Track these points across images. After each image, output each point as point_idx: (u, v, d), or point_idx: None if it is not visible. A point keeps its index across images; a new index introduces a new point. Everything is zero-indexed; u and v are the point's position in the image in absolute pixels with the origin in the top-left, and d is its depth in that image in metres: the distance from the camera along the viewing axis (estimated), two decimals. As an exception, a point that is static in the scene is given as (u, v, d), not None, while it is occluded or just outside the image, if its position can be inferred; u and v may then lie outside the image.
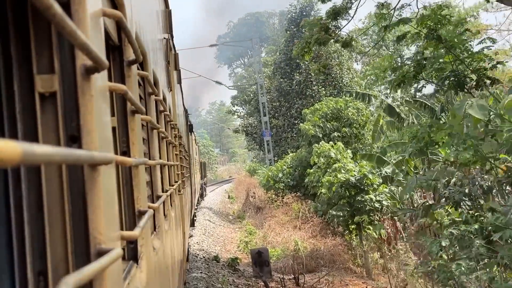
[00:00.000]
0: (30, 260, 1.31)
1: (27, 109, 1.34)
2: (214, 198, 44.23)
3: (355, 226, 20.18)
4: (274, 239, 23.12)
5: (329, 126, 28.23)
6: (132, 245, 2.40)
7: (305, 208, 26.29)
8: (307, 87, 40.62)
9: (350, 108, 28.81)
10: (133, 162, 2.32)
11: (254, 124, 45.75)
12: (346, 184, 19.64)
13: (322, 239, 22.34)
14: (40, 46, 1.34)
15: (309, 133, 27.71)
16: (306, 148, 28.97)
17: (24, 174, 1.32)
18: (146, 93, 3.59)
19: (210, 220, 29.08)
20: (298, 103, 40.98)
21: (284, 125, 42.36)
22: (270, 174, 30.75)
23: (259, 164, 56.38)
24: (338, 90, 38.92)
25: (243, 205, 36.43)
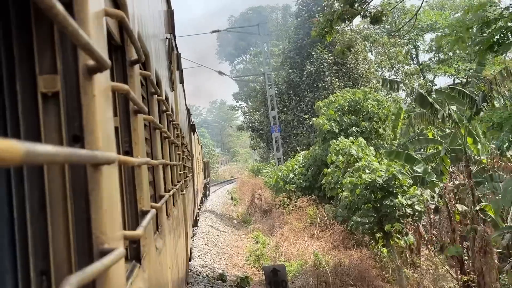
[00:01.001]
0: (32, 260, 1.31)
1: (30, 109, 1.34)
2: (217, 200, 41.31)
3: (382, 234, 17.23)
4: (288, 250, 19.49)
5: (346, 120, 24.93)
6: (134, 245, 2.40)
7: (322, 213, 22.75)
8: (319, 78, 37.11)
9: (369, 100, 25.56)
10: (135, 162, 2.32)
11: (261, 120, 41.98)
12: (372, 186, 16.78)
13: (346, 250, 18.86)
14: (43, 46, 1.34)
15: (323, 128, 24.64)
16: (320, 145, 25.70)
17: (27, 174, 1.32)
18: (149, 93, 3.60)
19: (212, 226, 26.24)
20: (309, 96, 37.49)
21: (294, 120, 38.74)
22: (279, 175, 27.46)
23: (263, 163, 53.61)
24: (353, 81, 35.91)
25: (248, 208, 33.56)
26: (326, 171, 21.17)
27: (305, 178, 26.25)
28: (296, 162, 27.69)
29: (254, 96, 46.24)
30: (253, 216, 30.05)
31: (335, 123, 24.86)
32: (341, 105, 25.44)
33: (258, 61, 56.53)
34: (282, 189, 26.45)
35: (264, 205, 31.99)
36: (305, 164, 26.94)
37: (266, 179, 36.38)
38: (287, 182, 26.44)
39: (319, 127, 25.18)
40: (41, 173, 1.31)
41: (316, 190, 25.28)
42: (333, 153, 21.21)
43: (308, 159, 26.76)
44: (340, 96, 26.08)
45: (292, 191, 25.89)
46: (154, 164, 3.45)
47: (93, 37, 1.40)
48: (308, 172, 26.31)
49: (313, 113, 33.27)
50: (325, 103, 26.33)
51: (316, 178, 25.29)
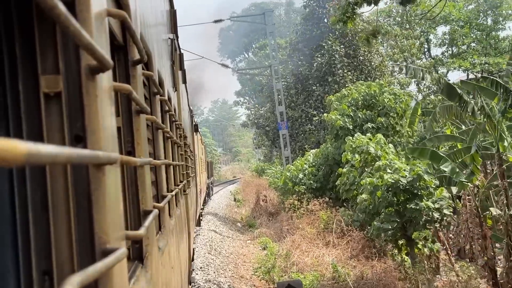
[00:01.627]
0: (35, 260, 1.31)
1: (32, 109, 1.34)
2: (219, 201, 39.75)
3: (405, 242, 15.33)
4: (300, 259, 16.90)
5: (361, 115, 22.71)
6: (137, 245, 2.40)
7: (337, 217, 20.37)
8: (330, 71, 34.29)
9: (385, 94, 23.37)
10: (138, 162, 2.32)
11: (267, 116, 39.39)
12: (395, 187, 14.81)
13: (367, 261, 16.41)
14: (45, 46, 1.35)
15: (336, 124, 22.39)
16: (332, 143, 23.52)
17: (29, 174, 1.32)
18: (151, 93, 3.60)
19: (215, 231, 24.36)
20: (318, 90, 34.79)
21: (301, 117, 36.03)
22: (288, 175, 24.70)
23: (267, 163, 51.70)
24: (365, 75, 33.38)
25: (252, 210, 31.59)
26: (341, 171, 19.00)
27: (316, 178, 23.98)
28: (306, 161, 25.22)
29: (259, 91, 43.49)
30: (259, 219, 28.17)
31: (349, 118, 22.70)
32: (355, 99, 23.36)
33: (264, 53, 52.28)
34: (291, 190, 24.13)
35: (270, 207, 30.31)
36: (315, 164, 24.58)
37: (271, 179, 35.02)
38: (296, 183, 24.06)
39: (331, 123, 23.00)
40: (44, 173, 1.32)
41: (328, 191, 23.30)
42: (349, 151, 19.04)
43: (319, 158, 24.36)
44: (354, 90, 23.97)
45: (302, 193, 23.58)
46: (157, 164, 3.45)
47: (95, 37, 1.40)
48: (319, 172, 24.02)
49: (323, 109, 31.76)
50: (337, 97, 24.29)
51: (327, 178, 23.43)
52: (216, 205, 36.50)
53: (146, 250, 2.48)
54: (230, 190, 46.69)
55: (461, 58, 40.68)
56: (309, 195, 23.23)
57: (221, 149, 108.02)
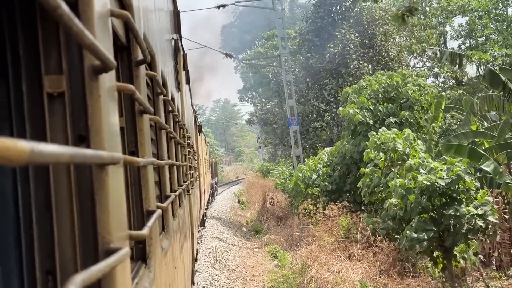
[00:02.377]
0: (38, 259, 1.32)
1: (36, 109, 1.34)
2: (222, 203, 37.49)
3: (441, 254, 12.95)
4: (320, 274, 14.48)
5: (382, 109, 20.13)
6: (140, 245, 2.41)
7: (359, 224, 17.83)
8: (343, 63, 30.69)
9: (409, 85, 20.84)
10: (141, 162, 2.32)
11: (274, 112, 36.07)
12: (432, 190, 12.60)
13: (401, 278, 13.90)
14: (48, 46, 1.35)
15: (355, 119, 19.88)
16: (348, 140, 20.87)
17: (33, 174, 1.33)
18: (155, 93, 3.60)
19: (219, 238, 22.14)
20: (331, 83, 31.19)
21: (312, 113, 32.99)
22: (300, 176, 21.76)
23: (273, 163, 49.20)
24: (382, 66, 30.17)
25: (258, 213, 29.14)
26: (363, 171, 16.39)
27: (331, 179, 21.32)
28: (320, 160, 22.44)
29: (266, 85, 39.02)
30: (266, 223, 25.79)
31: (368, 112, 20.18)
32: (374, 91, 20.78)
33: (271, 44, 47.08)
34: (303, 193, 21.38)
35: (278, 210, 27.89)
36: (330, 163, 21.91)
37: (277, 180, 33.12)
38: (309, 185, 21.23)
39: (348, 118, 20.46)
40: (47, 173, 1.32)
41: (345, 194, 20.98)
42: (372, 149, 16.57)
43: (335, 157, 21.58)
44: (374, 80, 21.31)
45: (315, 196, 21.00)
46: (160, 164, 3.46)
47: (98, 37, 1.40)
48: (334, 173, 21.45)
49: (336, 104, 29.45)
50: (354, 89, 21.84)
51: (344, 179, 21.10)
52: (219, 208, 34.73)
53: (149, 250, 2.48)
54: (234, 192, 45.19)
55: (481, 50, 37.17)
56: (324, 198, 20.73)
57: (223, 149, 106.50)
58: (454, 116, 27.48)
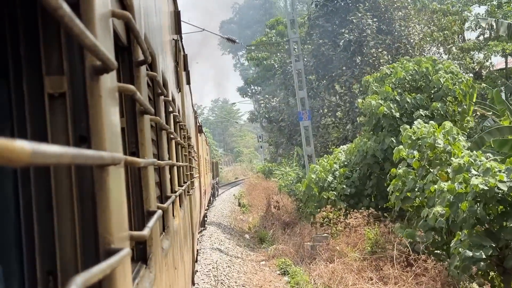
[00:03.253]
0: (39, 260, 1.32)
1: (37, 110, 1.35)
2: (222, 207, 34.97)
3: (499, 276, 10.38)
4: None
5: (410, 100, 17.15)
6: (141, 245, 2.41)
7: (388, 236, 14.81)
8: (359, 51, 27.14)
9: (441, 72, 17.67)
10: (142, 162, 2.32)
11: (280, 108, 32.36)
12: (489, 197, 10.09)
13: None
14: (49, 47, 1.35)
15: (379, 111, 16.82)
16: (369, 136, 17.84)
17: (33, 174, 1.33)
18: (155, 93, 3.61)
19: (220, 249, 19.42)
20: (346, 74, 27.41)
21: (323, 108, 29.60)
22: (313, 178, 18.77)
23: (275, 163, 46.06)
24: (402, 55, 25.80)
25: (262, 218, 26.32)
26: (395, 172, 13.59)
27: (349, 182, 18.31)
28: (336, 160, 19.50)
29: (270, 78, 34.96)
30: (271, 230, 23.23)
31: (394, 104, 17.18)
32: (400, 79, 17.88)
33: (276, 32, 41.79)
34: (316, 197, 18.43)
35: (284, 215, 25.18)
36: (348, 163, 18.99)
37: (281, 182, 30.98)
38: (323, 188, 18.33)
39: (370, 111, 17.43)
40: (48, 174, 1.32)
41: (365, 198, 17.96)
42: (406, 145, 13.59)
43: (354, 156, 18.49)
44: (399, 67, 18.41)
45: (332, 201, 17.89)
46: (161, 165, 3.46)
47: (99, 38, 1.40)
48: (353, 174, 18.50)
49: (351, 97, 27.04)
50: (376, 78, 18.97)
51: (364, 182, 18.15)
52: (219, 212, 32.29)
53: (150, 251, 2.48)
54: (234, 194, 42.46)
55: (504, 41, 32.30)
56: (341, 204, 17.66)
57: (222, 149, 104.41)
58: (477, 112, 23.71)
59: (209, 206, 31.77)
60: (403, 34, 28.13)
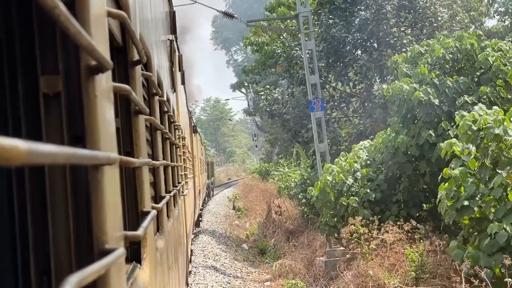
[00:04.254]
0: (33, 260, 1.31)
1: (32, 110, 1.34)
2: (216, 211, 32.22)
3: None
4: None
5: (451, 83, 13.74)
6: (135, 245, 2.40)
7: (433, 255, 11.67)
8: (378, 30, 22.62)
9: (488, 50, 14.23)
10: (136, 162, 2.32)
11: (283, 100, 27.29)
12: None
13: None
14: (45, 46, 1.35)
15: (413, 97, 13.40)
16: (399, 129, 14.29)
17: (28, 174, 1.33)
18: (150, 93, 3.60)
19: (215, 267, 16.25)
20: (362, 59, 23.13)
21: (334, 98, 25.01)
22: (329, 180, 15.20)
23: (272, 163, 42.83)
24: (428, 36, 21.83)
25: (261, 225, 23.54)
26: (447, 172, 10.29)
27: (374, 185, 14.79)
28: (357, 158, 15.90)
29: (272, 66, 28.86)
30: (272, 239, 20.61)
31: (433, 88, 13.82)
32: (439, 59, 14.48)
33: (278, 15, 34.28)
34: (332, 204, 15.01)
35: (287, 222, 22.36)
36: (372, 162, 15.52)
37: (281, 183, 28.67)
38: (342, 193, 14.88)
39: (402, 97, 13.91)
40: (42, 173, 1.32)
41: (394, 205, 14.45)
42: (465, 138, 10.32)
43: (381, 153, 14.80)
44: (436, 44, 14.93)
45: (353, 209, 14.34)
46: (155, 165, 3.46)
47: (95, 38, 1.40)
48: (378, 176, 14.98)
49: (369, 86, 23.35)
50: (405, 58, 15.69)
51: (393, 185, 14.79)
52: (212, 217, 29.42)
53: (144, 251, 2.48)
54: (228, 196, 38.83)
55: None
56: (364, 211, 13.97)
57: (214, 149, 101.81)
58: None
59: (204, 206, 31.69)
60: (428, 11, 23.53)
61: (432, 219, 13.69)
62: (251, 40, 28.88)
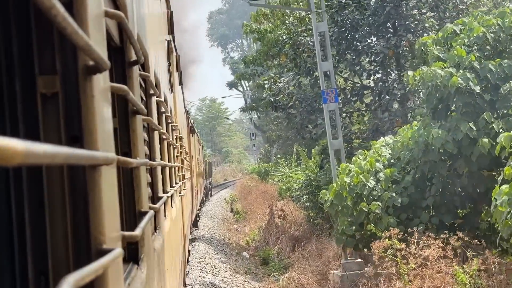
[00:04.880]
0: (31, 260, 1.31)
1: (29, 110, 1.34)
2: (212, 214, 30.50)
3: None
4: None
5: (494, 68, 11.50)
6: (132, 246, 2.40)
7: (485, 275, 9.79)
8: (397, 12, 20.01)
9: None
10: (134, 163, 2.32)
11: (288, 91, 23.64)
12: None
13: None
14: (42, 46, 1.35)
15: (450, 84, 11.26)
16: (429, 122, 12.22)
17: (25, 173, 1.33)
18: (148, 94, 3.60)
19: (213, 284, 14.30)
20: (378, 44, 20.26)
21: (345, 91, 22.33)
22: (347, 183, 12.80)
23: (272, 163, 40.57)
24: (451, 19, 18.91)
25: (262, 230, 21.80)
26: (510, 173, 8.52)
27: (399, 188, 12.47)
28: (378, 156, 13.57)
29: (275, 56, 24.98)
30: (276, 246, 18.76)
31: (471, 73, 11.55)
32: (478, 39, 12.29)
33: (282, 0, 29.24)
34: (349, 210, 12.68)
35: (292, 227, 20.26)
36: (396, 161, 13.17)
37: (282, 185, 26.85)
38: (362, 197, 12.59)
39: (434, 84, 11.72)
40: (40, 173, 1.32)
41: (424, 212, 12.21)
42: None
43: (410, 151, 12.46)
44: (474, 22, 12.73)
45: (376, 215, 12.17)
46: (153, 165, 3.46)
47: (92, 38, 1.40)
48: (404, 177, 12.65)
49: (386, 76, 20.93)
50: (435, 40, 13.39)
51: (423, 188, 12.47)
52: (209, 221, 27.59)
53: (142, 251, 2.48)
54: (225, 198, 37.20)
55: None
56: (390, 220, 11.85)
57: (210, 149, 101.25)
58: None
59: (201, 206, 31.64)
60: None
61: (469, 228, 11.52)
62: (252, 27, 25.41)
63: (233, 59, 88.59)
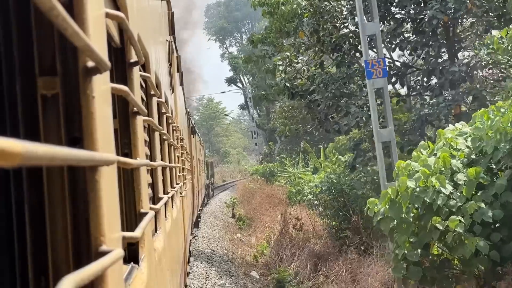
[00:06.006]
0: (31, 260, 1.31)
1: (29, 111, 1.34)
2: (212, 221, 27.41)
3: None
4: None
5: None
6: (133, 246, 2.40)
7: None
8: None
9: None
10: (134, 163, 2.32)
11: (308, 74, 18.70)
12: None
13: None
14: (43, 47, 1.35)
15: None
16: None
17: (26, 174, 1.33)
18: (148, 94, 3.60)
19: None
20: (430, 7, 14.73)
21: None
22: (410, 188, 8.08)
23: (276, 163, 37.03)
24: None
25: (274, 244, 18.31)
26: None
27: (488, 195, 7.90)
28: (453, 151, 8.76)
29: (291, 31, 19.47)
30: (292, 263, 15.50)
31: None
32: None
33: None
34: (411, 226, 8.32)
35: (312, 240, 16.94)
36: (478, 157, 8.57)
37: (291, 188, 24.21)
38: (433, 209, 7.93)
39: None
40: (40, 174, 1.32)
41: None
42: None
43: (508, 140, 7.67)
44: None
45: (455, 235, 7.60)
46: (153, 166, 3.46)
47: (93, 38, 1.40)
48: (495, 180, 8.01)
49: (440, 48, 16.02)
50: None
51: None
52: (208, 229, 24.38)
53: (142, 252, 2.48)
54: (225, 201, 33.68)
55: None
56: (479, 243, 7.54)
57: (208, 150, 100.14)
58: None
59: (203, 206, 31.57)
60: None
61: None
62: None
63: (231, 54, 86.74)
